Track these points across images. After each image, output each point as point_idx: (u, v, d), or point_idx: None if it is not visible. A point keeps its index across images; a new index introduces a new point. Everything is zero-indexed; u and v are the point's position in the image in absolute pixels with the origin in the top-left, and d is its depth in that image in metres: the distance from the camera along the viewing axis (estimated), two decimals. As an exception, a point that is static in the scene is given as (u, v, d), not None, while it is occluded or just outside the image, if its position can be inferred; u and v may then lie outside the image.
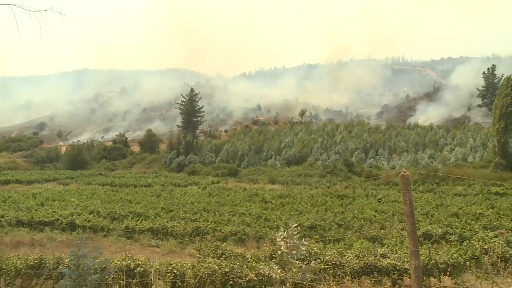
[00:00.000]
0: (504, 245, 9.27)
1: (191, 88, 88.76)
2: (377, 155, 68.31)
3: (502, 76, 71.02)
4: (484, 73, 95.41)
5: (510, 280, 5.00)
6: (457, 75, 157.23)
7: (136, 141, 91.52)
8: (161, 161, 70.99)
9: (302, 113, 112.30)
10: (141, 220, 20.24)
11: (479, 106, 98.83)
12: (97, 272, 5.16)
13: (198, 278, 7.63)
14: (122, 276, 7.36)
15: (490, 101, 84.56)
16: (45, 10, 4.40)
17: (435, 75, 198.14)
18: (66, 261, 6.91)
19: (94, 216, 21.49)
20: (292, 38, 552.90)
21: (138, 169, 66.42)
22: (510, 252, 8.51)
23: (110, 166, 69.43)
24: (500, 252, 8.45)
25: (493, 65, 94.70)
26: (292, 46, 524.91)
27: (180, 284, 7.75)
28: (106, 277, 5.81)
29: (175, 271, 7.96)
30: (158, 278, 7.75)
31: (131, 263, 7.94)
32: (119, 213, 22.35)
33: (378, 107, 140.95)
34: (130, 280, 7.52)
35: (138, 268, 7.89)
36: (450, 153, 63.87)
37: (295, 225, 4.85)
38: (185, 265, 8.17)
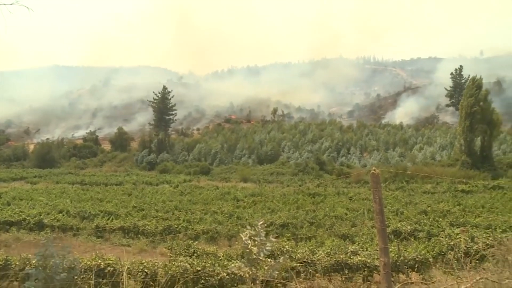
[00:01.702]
0: (469, 241, 9.53)
1: (164, 86, 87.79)
2: (349, 154, 69.16)
3: (469, 76, 72.81)
4: (452, 73, 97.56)
5: (472, 273, 5.15)
6: (427, 75, 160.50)
7: (107, 139, 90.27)
8: (132, 160, 70.25)
9: (275, 112, 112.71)
10: (112, 219, 19.99)
11: (447, 106, 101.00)
12: (65, 272, 5.06)
13: (169, 277, 7.58)
14: (91, 276, 7.25)
15: (457, 101, 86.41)
16: (11, 4, 4.30)
17: (405, 74, 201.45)
18: (33, 261, 6.76)
19: (63, 215, 21.12)
20: (264, 37, 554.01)
21: (109, 168, 65.47)
22: (474, 248, 8.75)
23: (80, 164, 68.25)
24: (464, 248, 8.69)
25: (460, 65, 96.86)
26: (264, 45, 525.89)
27: (151, 283, 7.68)
28: (75, 277, 5.71)
29: (146, 270, 7.88)
30: (129, 278, 7.66)
31: (101, 263, 7.82)
32: (89, 212, 22.02)
33: (350, 106, 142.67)
34: (100, 280, 7.41)
35: (109, 268, 7.78)
36: (419, 152, 65.16)
37: (261, 222, 4.87)
38: (156, 264, 8.09)
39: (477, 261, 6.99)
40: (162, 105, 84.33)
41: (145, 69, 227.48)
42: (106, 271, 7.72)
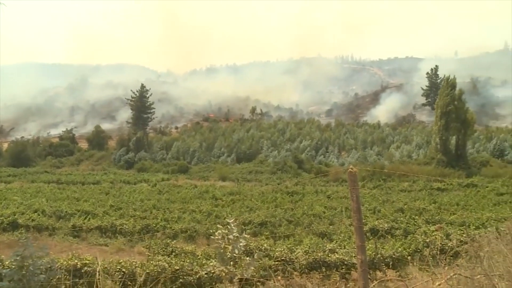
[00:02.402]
0: (444, 238, 9.73)
1: (142, 84, 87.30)
2: (327, 152, 69.65)
3: (444, 76, 74.32)
4: (427, 73, 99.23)
5: (446, 269, 5.28)
6: (404, 74, 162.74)
7: (84, 138, 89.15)
8: (110, 158, 69.51)
9: (253, 110, 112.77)
10: (89, 219, 19.73)
11: (423, 105, 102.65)
12: (43, 273, 4.99)
13: (147, 276, 7.54)
14: (68, 277, 7.16)
15: (433, 100, 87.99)
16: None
17: (382, 74, 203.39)
18: (7, 262, 6.64)
19: (39, 215, 20.72)
20: (243, 35, 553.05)
21: (86, 166, 64.68)
22: (449, 245, 8.93)
23: (57, 163, 67.19)
24: (440, 245, 8.86)
25: (436, 65, 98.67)
26: (243, 44, 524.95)
27: (129, 283, 7.63)
28: (51, 278, 5.63)
29: (124, 270, 7.83)
30: (106, 278, 7.59)
31: (78, 263, 7.74)
32: (66, 212, 21.65)
33: (328, 105, 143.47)
34: (77, 280, 7.33)
35: (85, 268, 7.70)
36: (396, 150, 66.01)
37: (232, 220, 4.89)
38: (134, 263, 8.05)
39: (451, 258, 7.13)
40: (140, 104, 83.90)
41: (124, 67, 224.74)
42: (82, 271, 7.65)
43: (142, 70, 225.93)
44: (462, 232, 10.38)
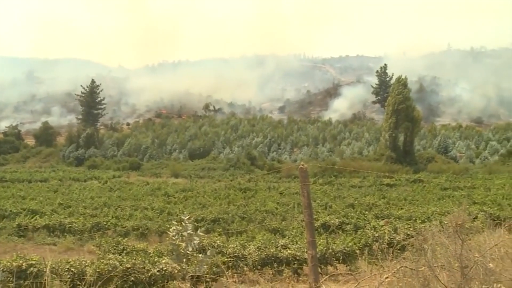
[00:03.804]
0: (392, 232, 10.05)
1: (92, 79, 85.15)
2: (280, 149, 70.24)
3: (393, 74, 76.72)
4: (377, 71, 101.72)
5: (394, 263, 5.47)
6: (355, 72, 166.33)
7: (30, 134, 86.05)
8: (58, 155, 67.43)
9: (206, 107, 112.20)
10: (36, 218, 19.06)
11: (373, 102, 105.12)
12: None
13: (98, 275, 7.38)
14: (11, 278, 6.90)
15: (382, 98, 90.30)
16: None
17: (334, 72, 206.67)
18: None
19: (-20, 215, 19.88)
20: (197, 32, 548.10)
21: (33, 164, 62.52)
22: (397, 238, 9.24)
23: (0, 160, 64.54)
24: (388, 239, 9.15)
25: (385, 64, 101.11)
26: (197, 41, 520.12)
27: (78, 282, 7.44)
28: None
29: (73, 269, 7.61)
30: (54, 278, 7.37)
31: (23, 263, 7.46)
32: (10, 211, 20.81)
33: (281, 101, 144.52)
34: (22, 282, 7.07)
35: (31, 269, 7.44)
36: (347, 147, 67.38)
37: (187, 217, 4.88)
38: (84, 262, 7.85)
39: (398, 251, 7.38)
40: (90, 99, 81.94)
41: (73, 62, 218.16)
42: (28, 272, 7.38)
43: (91, 65, 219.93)
44: (409, 226, 10.76)
